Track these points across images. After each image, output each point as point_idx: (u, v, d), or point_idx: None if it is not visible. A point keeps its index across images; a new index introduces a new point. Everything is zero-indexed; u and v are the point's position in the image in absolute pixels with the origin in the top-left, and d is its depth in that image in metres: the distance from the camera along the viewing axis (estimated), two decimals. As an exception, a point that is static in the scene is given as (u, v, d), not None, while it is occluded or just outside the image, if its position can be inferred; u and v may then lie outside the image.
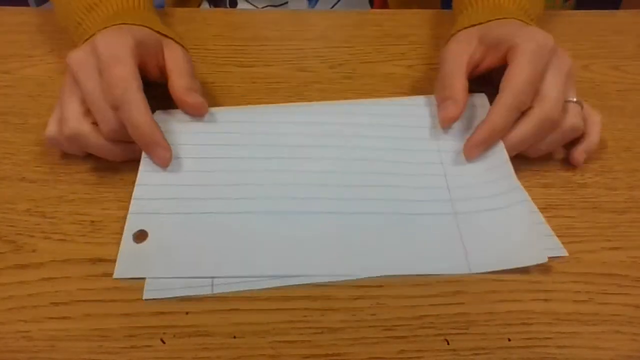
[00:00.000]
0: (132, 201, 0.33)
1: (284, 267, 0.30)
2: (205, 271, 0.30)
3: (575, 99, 0.36)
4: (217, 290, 0.29)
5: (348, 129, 0.39)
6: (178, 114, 0.39)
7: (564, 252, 0.31)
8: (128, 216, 0.33)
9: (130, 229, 0.32)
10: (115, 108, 0.33)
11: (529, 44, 0.35)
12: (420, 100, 0.41)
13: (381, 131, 0.38)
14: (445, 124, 0.37)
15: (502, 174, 0.34)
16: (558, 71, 0.35)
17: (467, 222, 0.32)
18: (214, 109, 0.41)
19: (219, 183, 0.35)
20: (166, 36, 0.40)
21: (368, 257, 0.31)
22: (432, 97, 0.40)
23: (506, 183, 0.34)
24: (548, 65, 0.35)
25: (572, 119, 0.35)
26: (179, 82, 0.38)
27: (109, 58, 0.34)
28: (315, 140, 0.38)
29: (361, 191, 0.34)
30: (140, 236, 0.32)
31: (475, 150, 0.35)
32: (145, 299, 0.29)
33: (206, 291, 0.29)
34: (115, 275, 0.30)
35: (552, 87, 0.34)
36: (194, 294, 0.29)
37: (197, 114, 0.39)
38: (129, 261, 0.30)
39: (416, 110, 0.40)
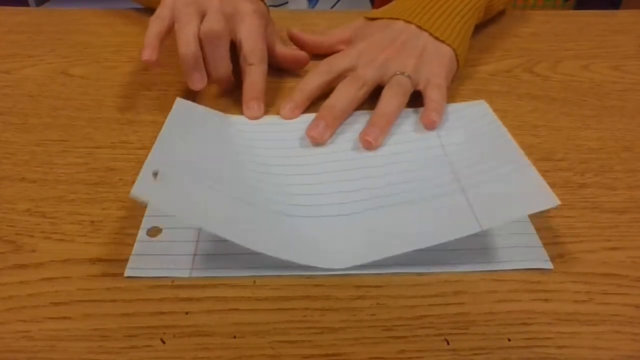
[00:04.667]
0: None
1: (301, 257, 0.31)
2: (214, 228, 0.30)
3: (405, 73, 0.42)
4: (195, 274, 0.30)
5: (355, 135, 0.40)
6: (197, 109, 0.41)
7: (548, 265, 0.31)
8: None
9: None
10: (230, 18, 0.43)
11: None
12: (418, 110, 0.43)
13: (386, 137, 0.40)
14: None
15: (508, 156, 0.35)
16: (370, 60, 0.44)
17: (474, 190, 0.33)
18: (231, 117, 0.43)
19: (233, 185, 0.35)
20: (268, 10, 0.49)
21: (382, 242, 0.31)
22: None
23: (512, 155, 0.34)
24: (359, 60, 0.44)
25: (394, 85, 0.42)
26: (280, 49, 0.48)
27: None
28: (323, 148, 0.39)
29: (370, 192, 0.35)
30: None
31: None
32: (127, 277, 0.30)
33: (184, 274, 0.30)
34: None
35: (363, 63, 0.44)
36: (172, 275, 0.30)
37: (305, 63, 0.48)
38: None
39: (415, 116, 0.43)
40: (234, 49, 0.45)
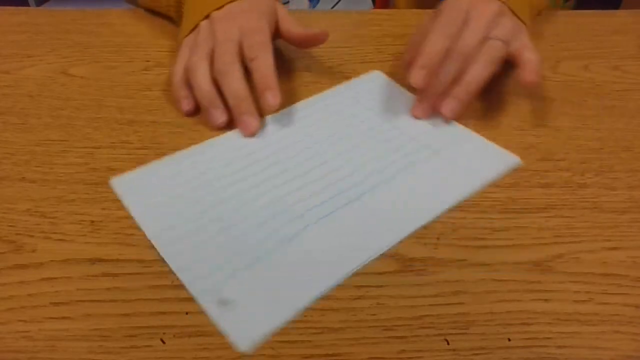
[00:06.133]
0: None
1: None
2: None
3: (500, 39, 0.42)
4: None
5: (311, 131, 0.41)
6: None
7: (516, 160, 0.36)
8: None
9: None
10: (251, 59, 0.41)
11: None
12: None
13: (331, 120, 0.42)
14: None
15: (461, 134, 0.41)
16: (476, 19, 0.42)
17: (446, 154, 0.38)
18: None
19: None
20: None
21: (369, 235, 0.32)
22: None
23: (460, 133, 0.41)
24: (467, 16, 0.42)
25: (485, 52, 0.41)
26: (296, 30, 0.46)
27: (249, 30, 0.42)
28: (285, 151, 0.39)
29: (342, 186, 0.36)
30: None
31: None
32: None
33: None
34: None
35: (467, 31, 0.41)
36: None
37: (324, 40, 0.46)
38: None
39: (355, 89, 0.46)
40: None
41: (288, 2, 0.67)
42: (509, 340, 0.27)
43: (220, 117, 0.40)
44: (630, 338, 0.27)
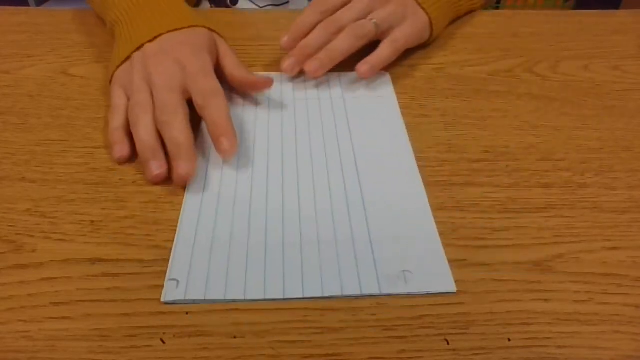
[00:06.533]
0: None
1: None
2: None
3: (373, 20, 0.46)
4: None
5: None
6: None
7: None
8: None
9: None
10: (202, 109, 0.39)
11: None
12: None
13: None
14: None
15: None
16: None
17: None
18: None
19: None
20: (214, 31, 0.45)
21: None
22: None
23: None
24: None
25: (352, 27, 0.46)
26: (239, 73, 0.44)
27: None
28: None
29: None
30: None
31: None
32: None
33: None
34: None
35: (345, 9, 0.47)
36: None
37: (268, 87, 0.44)
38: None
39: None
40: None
41: (288, 2, 0.67)
42: (509, 340, 0.27)
43: (156, 169, 0.36)
44: (630, 338, 0.27)
